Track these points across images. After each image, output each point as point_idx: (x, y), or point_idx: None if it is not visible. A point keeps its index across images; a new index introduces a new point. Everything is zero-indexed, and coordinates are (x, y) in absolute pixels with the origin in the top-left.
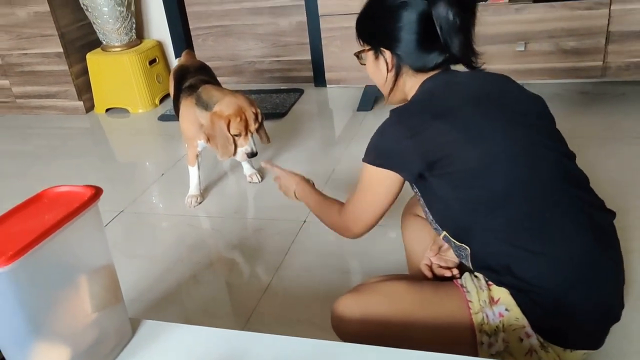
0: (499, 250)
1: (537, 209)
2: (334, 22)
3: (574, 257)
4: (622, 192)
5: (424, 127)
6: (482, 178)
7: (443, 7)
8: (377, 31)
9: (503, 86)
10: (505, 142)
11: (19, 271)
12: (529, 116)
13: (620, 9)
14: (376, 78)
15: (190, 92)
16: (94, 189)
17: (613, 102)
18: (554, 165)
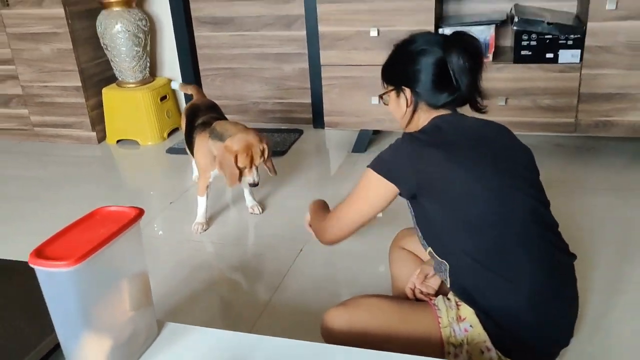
0: (471, 271)
1: (509, 243)
2: (334, 71)
3: (534, 289)
4: (586, 238)
5: (426, 153)
6: (466, 206)
7: (455, 55)
8: (400, 73)
9: (499, 134)
10: (491, 181)
11: (80, 272)
12: (516, 164)
13: (589, 73)
14: (396, 112)
15: (204, 128)
16: (138, 210)
17: (584, 155)
18: (529, 209)
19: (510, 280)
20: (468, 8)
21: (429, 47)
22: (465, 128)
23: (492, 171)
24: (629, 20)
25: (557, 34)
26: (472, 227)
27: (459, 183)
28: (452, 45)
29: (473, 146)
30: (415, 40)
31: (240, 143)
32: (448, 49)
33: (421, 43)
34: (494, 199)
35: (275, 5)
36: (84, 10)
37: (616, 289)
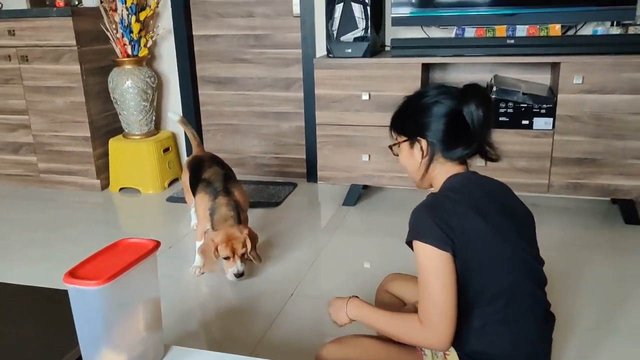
0: (473, 328)
1: (516, 307)
2: (328, 130)
3: (526, 346)
4: (558, 292)
5: (461, 212)
6: (488, 275)
7: (474, 106)
8: (415, 123)
9: (510, 196)
10: (512, 251)
11: (106, 291)
12: (527, 229)
13: (561, 139)
14: (409, 165)
15: (207, 189)
16: (155, 242)
17: (557, 214)
18: (535, 273)
19: (511, 341)
20: (452, 77)
21: (442, 99)
22: (484, 188)
23: (517, 238)
24: (592, 94)
25: (531, 103)
26: (490, 291)
27: (492, 249)
28: (471, 97)
29: (500, 210)
30: (427, 92)
31: (220, 236)
32: (466, 100)
33: (433, 95)
34: (515, 266)
35: (275, 69)
36: (98, 67)
37: (589, 338)
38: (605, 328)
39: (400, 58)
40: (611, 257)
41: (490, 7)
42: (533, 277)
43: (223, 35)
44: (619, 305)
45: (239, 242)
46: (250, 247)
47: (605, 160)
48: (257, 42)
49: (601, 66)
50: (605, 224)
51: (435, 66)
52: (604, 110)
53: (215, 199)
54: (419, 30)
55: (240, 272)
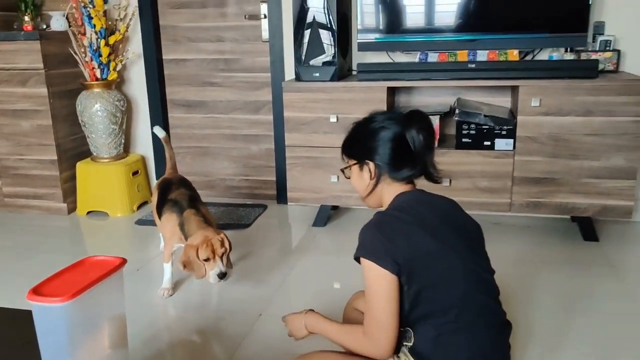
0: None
1: (468, 316)
2: (297, 152)
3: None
4: (518, 304)
5: (406, 232)
6: (440, 288)
7: (415, 131)
8: (363, 147)
9: (456, 211)
10: (461, 263)
11: (71, 308)
12: (474, 241)
13: (521, 160)
14: (358, 185)
15: (173, 208)
16: (121, 259)
17: (519, 232)
18: (484, 283)
19: (465, 350)
20: (417, 100)
21: (388, 124)
22: (430, 204)
23: (464, 250)
24: (549, 116)
25: (493, 125)
26: (443, 302)
27: (441, 262)
28: (413, 122)
29: (445, 225)
30: (375, 118)
31: (199, 238)
32: (409, 125)
33: (380, 121)
34: (464, 276)
35: (245, 92)
36: (66, 90)
37: (543, 349)
38: (558, 340)
39: (367, 82)
40: (568, 272)
41: (452, 33)
42: (484, 287)
43: (193, 59)
44: (574, 318)
45: (217, 241)
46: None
47: (562, 179)
48: (227, 66)
49: (557, 89)
50: (565, 241)
51: (400, 90)
52: (560, 132)
53: (182, 214)
54: (384, 55)
55: (223, 272)
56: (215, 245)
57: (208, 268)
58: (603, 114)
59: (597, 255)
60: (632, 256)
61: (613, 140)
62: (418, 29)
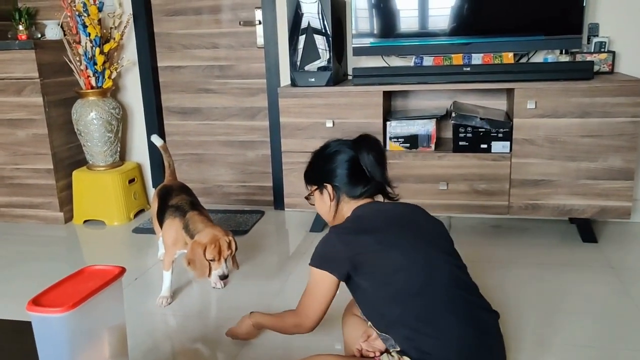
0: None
1: (437, 307)
2: (293, 157)
3: (463, 345)
4: (518, 306)
5: (353, 239)
6: (395, 280)
7: (365, 152)
8: (320, 173)
9: (414, 213)
10: (415, 254)
11: (71, 318)
12: (433, 236)
13: (518, 162)
14: (322, 209)
15: (176, 213)
16: (120, 268)
17: (518, 235)
18: (447, 273)
19: (441, 340)
20: (413, 104)
21: (342, 148)
22: (383, 211)
23: (415, 245)
24: (545, 118)
25: (489, 127)
26: (403, 298)
27: (387, 260)
28: (362, 145)
29: (394, 225)
30: (330, 144)
31: (207, 236)
32: (358, 148)
33: (334, 146)
34: (420, 270)
35: (240, 99)
36: (61, 99)
37: (543, 349)
38: (557, 342)
39: (363, 86)
40: (567, 274)
41: (447, 37)
42: (446, 280)
43: (188, 66)
44: (573, 320)
45: (225, 243)
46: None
47: (560, 181)
48: (222, 73)
49: (552, 92)
50: (564, 243)
51: (396, 94)
52: (557, 134)
53: (185, 216)
54: (379, 59)
55: (226, 274)
56: (223, 247)
57: (212, 267)
58: (599, 115)
59: (596, 257)
60: (631, 257)
61: (610, 141)
62: (413, 32)
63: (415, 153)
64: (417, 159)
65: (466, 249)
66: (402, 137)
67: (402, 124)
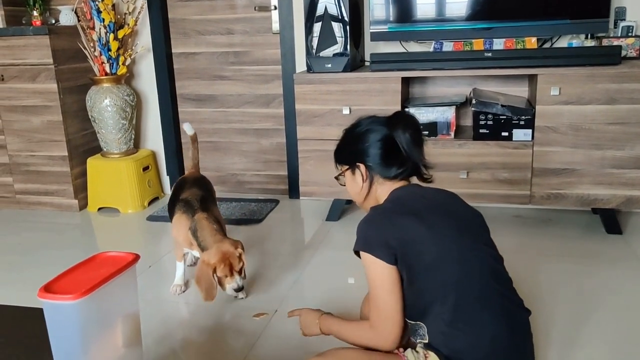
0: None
1: (469, 300)
2: (309, 145)
3: (495, 342)
4: (544, 299)
5: (399, 221)
6: (438, 267)
7: (401, 130)
8: (352, 152)
9: (454, 201)
10: (454, 246)
11: (82, 305)
12: (471, 226)
13: (541, 150)
14: (353, 190)
15: (184, 208)
16: (134, 255)
17: (540, 225)
18: (486, 267)
19: (473, 335)
20: (432, 90)
21: (375, 126)
22: (424, 196)
23: (456, 234)
24: (569, 105)
25: (510, 114)
26: (438, 287)
27: (432, 246)
28: (397, 123)
29: (436, 211)
30: (361, 122)
31: (217, 255)
32: (393, 126)
33: (366, 124)
34: (460, 259)
35: (255, 86)
36: (76, 85)
37: (571, 344)
38: (580, 336)
39: (380, 72)
40: (591, 266)
41: (467, 22)
42: (484, 272)
43: (202, 52)
44: (598, 313)
45: (235, 257)
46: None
47: (584, 170)
48: (237, 59)
49: (577, 77)
50: (587, 234)
51: (414, 80)
52: (581, 121)
53: (193, 216)
54: (398, 45)
55: (240, 287)
56: (234, 263)
57: (225, 282)
58: (627, 102)
59: (621, 248)
60: None
61: (637, 128)
62: (432, 17)
63: (434, 141)
64: (437, 146)
65: None
66: (421, 125)
67: (420, 111)
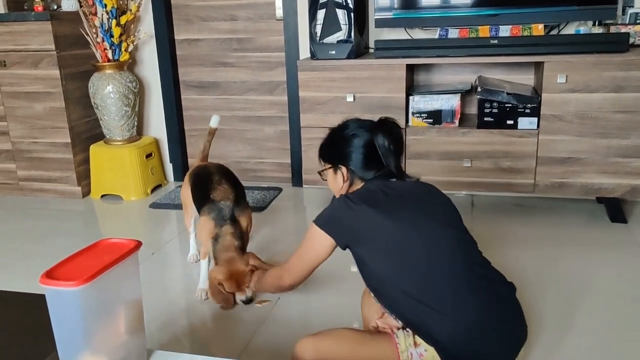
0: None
1: (439, 278)
2: (312, 132)
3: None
4: (543, 285)
5: (358, 209)
6: (398, 251)
7: (381, 137)
8: (337, 153)
9: (423, 188)
10: (418, 226)
11: (85, 292)
12: (439, 211)
13: (546, 139)
14: (334, 187)
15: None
16: (136, 242)
17: (542, 214)
18: (455, 247)
19: (446, 313)
20: (437, 78)
21: (360, 131)
22: (392, 187)
23: (418, 217)
24: (576, 93)
25: (516, 103)
26: (405, 269)
27: (388, 231)
28: (380, 129)
29: (398, 200)
30: (348, 125)
31: (223, 274)
32: (375, 132)
33: (353, 128)
34: (423, 241)
35: (259, 72)
36: (78, 72)
37: (566, 331)
38: (582, 324)
39: (385, 59)
40: (595, 255)
41: (473, 8)
42: (450, 252)
43: (205, 39)
44: (601, 301)
45: (244, 275)
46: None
47: (589, 159)
48: (240, 46)
49: (584, 65)
50: (591, 223)
51: (419, 68)
52: (588, 109)
53: (222, 227)
54: (403, 31)
55: (249, 298)
56: (240, 280)
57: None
58: (634, 90)
59: (625, 237)
60: None
61: None
62: (437, 4)
63: (438, 129)
64: (441, 135)
65: (489, 227)
66: (425, 113)
67: (425, 99)
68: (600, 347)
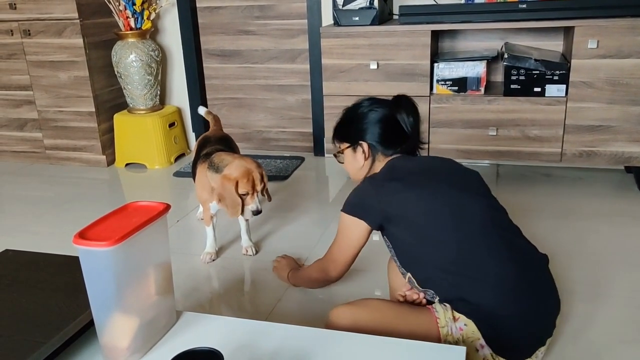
0: (448, 282)
1: (473, 247)
2: (335, 101)
3: (503, 285)
4: (571, 256)
5: (385, 186)
6: (428, 223)
7: (405, 114)
8: (354, 130)
9: (446, 162)
10: (446, 196)
11: (116, 252)
12: (466, 180)
13: (574, 107)
14: (353, 167)
15: (205, 159)
16: (165, 205)
17: (571, 184)
18: (485, 215)
19: (481, 281)
20: (462, 45)
21: (378, 107)
22: (415, 162)
23: (446, 188)
24: (607, 59)
25: (543, 69)
26: (437, 242)
27: (418, 205)
28: (402, 107)
29: (424, 172)
30: (362, 103)
31: (239, 170)
32: (398, 109)
33: (367, 105)
34: (452, 211)
35: (280, 40)
36: (101, 40)
37: (597, 302)
38: (610, 294)
39: (409, 25)
40: (623, 225)
41: None
42: (481, 220)
43: (227, 6)
44: (630, 271)
45: (257, 175)
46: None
47: (619, 127)
48: (262, 13)
49: (617, 29)
50: (620, 192)
51: (444, 34)
52: (619, 76)
53: (212, 155)
54: None
55: (259, 209)
56: (256, 179)
57: (245, 202)
58: None
59: None
60: None
61: None
62: None
63: (463, 97)
64: (466, 103)
65: (516, 197)
66: (450, 80)
67: (450, 66)
68: (635, 318)
